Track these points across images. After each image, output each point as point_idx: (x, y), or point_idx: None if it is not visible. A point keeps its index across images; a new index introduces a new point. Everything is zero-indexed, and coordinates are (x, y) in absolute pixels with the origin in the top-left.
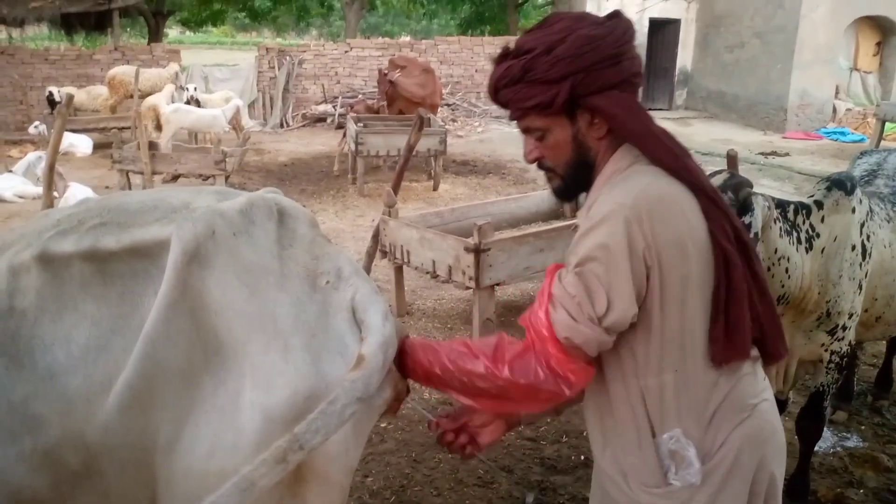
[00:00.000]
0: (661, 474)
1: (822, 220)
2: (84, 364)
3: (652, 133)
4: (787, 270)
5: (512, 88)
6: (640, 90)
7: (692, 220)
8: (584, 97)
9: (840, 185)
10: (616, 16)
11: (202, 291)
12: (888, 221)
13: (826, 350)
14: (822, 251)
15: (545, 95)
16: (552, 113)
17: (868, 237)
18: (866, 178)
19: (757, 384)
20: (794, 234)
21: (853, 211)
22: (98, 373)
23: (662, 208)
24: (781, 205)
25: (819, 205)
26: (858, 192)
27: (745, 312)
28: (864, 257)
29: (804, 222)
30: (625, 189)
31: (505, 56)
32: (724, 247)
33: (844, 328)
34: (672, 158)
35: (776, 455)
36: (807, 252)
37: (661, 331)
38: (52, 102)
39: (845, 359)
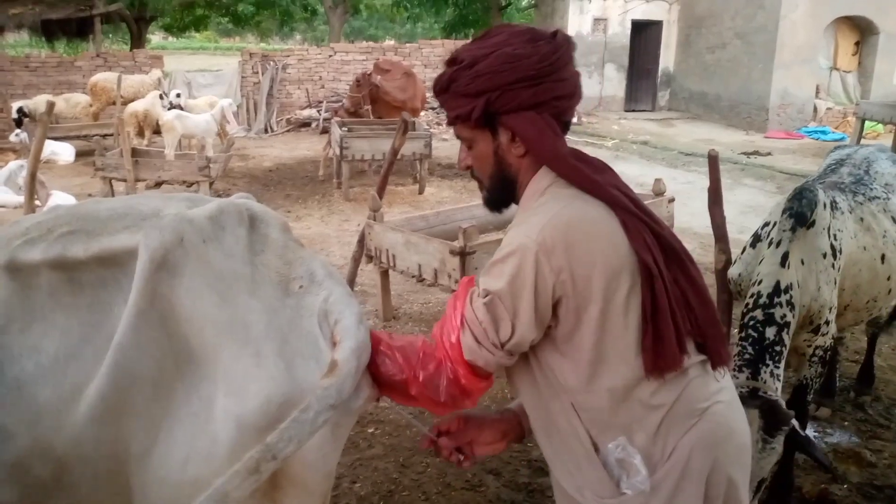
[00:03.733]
0: (614, 484)
1: (788, 267)
2: (53, 374)
3: (560, 155)
4: None
5: (442, 97)
6: (574, 112)
7: (610, 239)
8: (499, 115)
9: (801, 219)
10: (554, 36)
11: (172, 299)
12: (851, 212)
13: (810, 346)
14: (798, 285)
15: (463, 108)
16: (473, 126)
17: (835, 236)
18: (833, 167)
19: (707, 387)
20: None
21: (813, 224)
22: (68, 383)
23: (573, 236)
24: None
25: (784, 259)
26: (820, 196)
27: (668, 323)
28: (835, 257)
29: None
30: (534, 222)
31: (450, 63)
32: (644, 259)
33: (827, 323)
34: (582, 178)
35: (733, 457)
36: (793, 317)
37: (583, 350)
38: (20, 119)
39: (828, 352)
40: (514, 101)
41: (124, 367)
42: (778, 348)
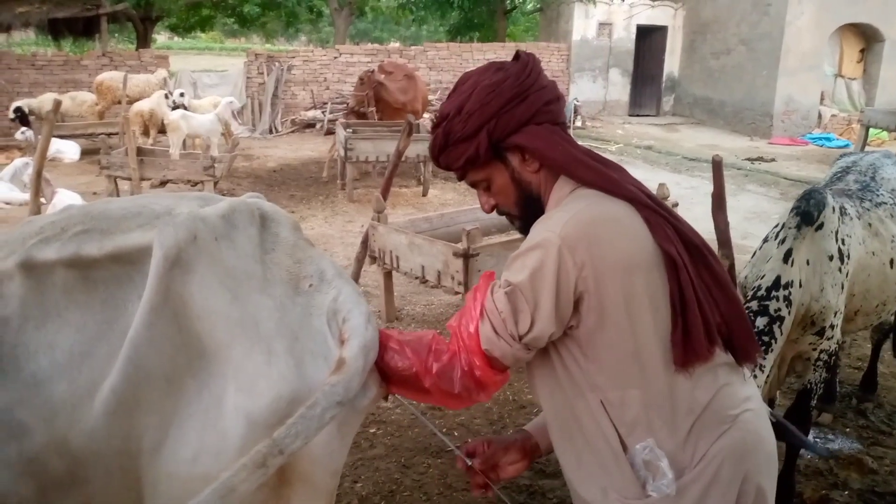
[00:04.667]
0: (640, 485)
1: (792, 264)
2: (69, 370)
3: (575, 158)
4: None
5: (443, 154)
6: (566, 114)
7: (635, 236)
8: (504, 139)
9: (808, 218)
10: (517, 56)
11: (184, 296)
12: (859, 218)
13: (815, 349)
14: (800, 284)
15: (469, 151)
16: (484, 163)
17: (843, 241)
18: (839, 175)
19: (738, 394)
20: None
21: (821, 226)
22: (83, 379)
23: (597, 232)
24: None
25: (787, 256)
26: (829, 200)
27: (696, 314)
28: (842, 261)
29: (777, 306)
30: (558, 218)
31: (436, 126)
32: (667, 251)
33: (832, 327)
34: (600, 177)
35: (763, 466)
36: (789, 313)
37: (610, 348)
38: (23, 118)
39: (833, 357)
40: (513, 121)
41: (138, 362)
42: (766, 338)
